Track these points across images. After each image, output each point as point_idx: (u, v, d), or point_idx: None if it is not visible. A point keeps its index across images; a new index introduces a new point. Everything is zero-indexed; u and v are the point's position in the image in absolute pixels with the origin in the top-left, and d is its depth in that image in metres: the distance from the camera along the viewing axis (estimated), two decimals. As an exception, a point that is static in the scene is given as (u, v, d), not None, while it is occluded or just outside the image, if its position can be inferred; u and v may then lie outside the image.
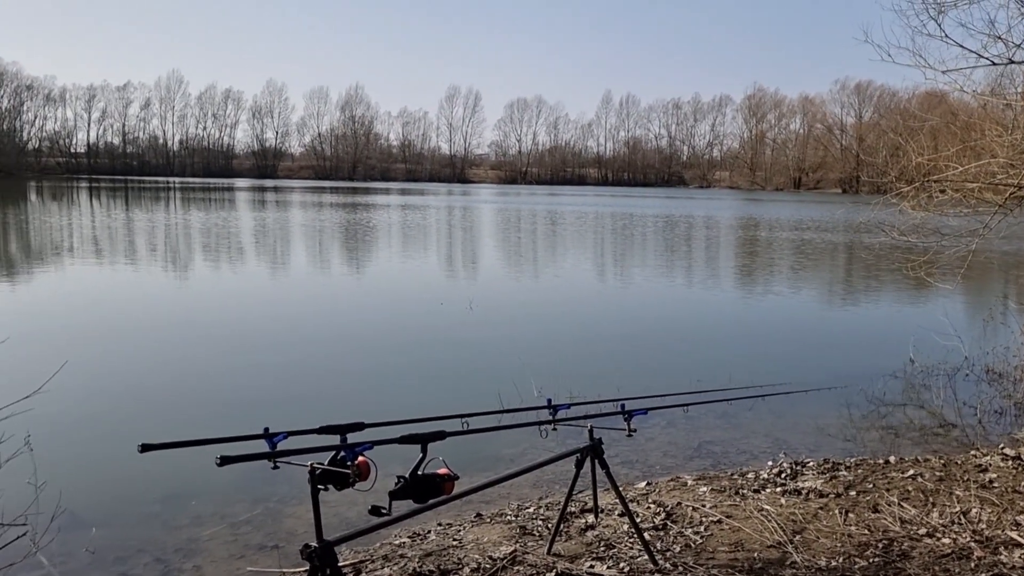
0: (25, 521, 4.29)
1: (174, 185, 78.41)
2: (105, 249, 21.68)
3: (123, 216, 35.00)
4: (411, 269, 19.56)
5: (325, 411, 7.30)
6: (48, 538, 4.38)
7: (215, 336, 10.90)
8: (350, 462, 2.48)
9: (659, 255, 24.05)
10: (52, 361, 5.41)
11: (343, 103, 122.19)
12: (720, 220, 42.86)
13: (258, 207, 45.42)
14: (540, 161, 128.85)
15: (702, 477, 5.65)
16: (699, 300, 15.57)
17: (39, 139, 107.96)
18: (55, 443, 6.21)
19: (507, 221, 38.73)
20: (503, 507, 5.10)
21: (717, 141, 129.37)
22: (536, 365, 9.11)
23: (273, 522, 5.00)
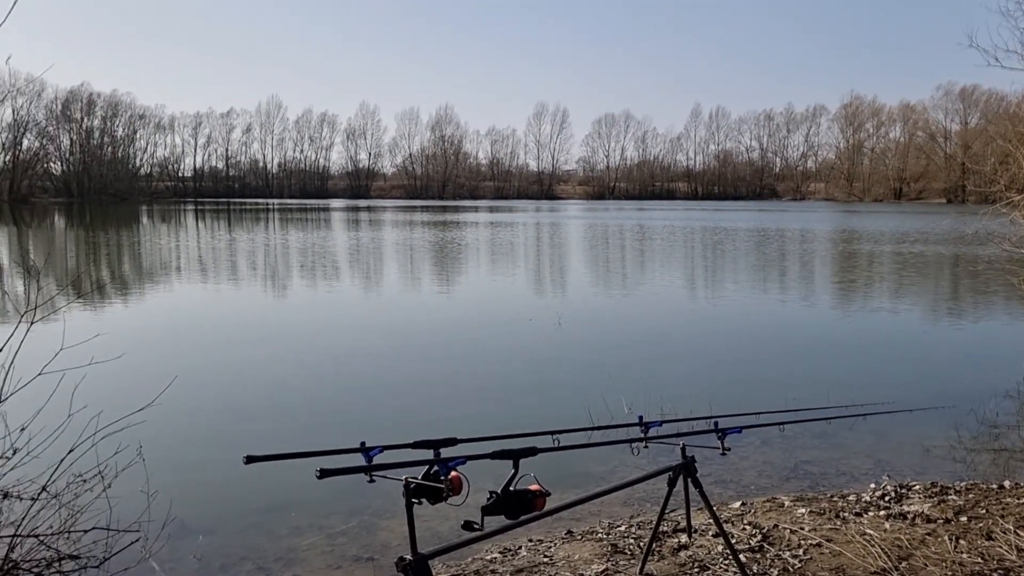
0: (138, 528, 4.53)
1: (273, 206, 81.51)
2: (210, 269, 22.71)
3: (226, 237, 36.58)
4: (500, 285, 19.72)
5: (418, 425, 7.43)
6: (159, 544, 4.60)
7: (313, 351, 11.25)
8: (443, 477, 2.51)
9: (752, 269, 23.48)
10: (163, 376, 5.70)
11: (433, 123, 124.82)
12: (816, 233, 41.55)
13: (352, 227, 46.70)
14: (628, 176, 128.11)
15: (800, 498, 5.48)
16: (794, 315, 15.12)
17: (150, 165, 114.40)
18: (166, 454, 6.52)
19: (595, 237, 38.60)
20: (594, 524, 5.07)
21: (811, 152, 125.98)
22: (626, 381, 9.04)
23: (368, 534, 5.12)
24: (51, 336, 4.42)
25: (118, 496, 4.44)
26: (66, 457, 4.20)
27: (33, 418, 4.28)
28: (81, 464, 4.29)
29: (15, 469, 4.22)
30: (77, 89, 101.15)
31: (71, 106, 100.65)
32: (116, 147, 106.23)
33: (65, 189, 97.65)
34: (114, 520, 4.34)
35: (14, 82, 79.44)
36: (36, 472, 4.24)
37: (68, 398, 4.28)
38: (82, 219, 55.16)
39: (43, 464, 4.24)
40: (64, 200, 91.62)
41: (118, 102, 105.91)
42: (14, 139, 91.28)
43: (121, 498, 4.50)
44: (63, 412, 4.23)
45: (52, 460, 4.23)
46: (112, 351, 5.44)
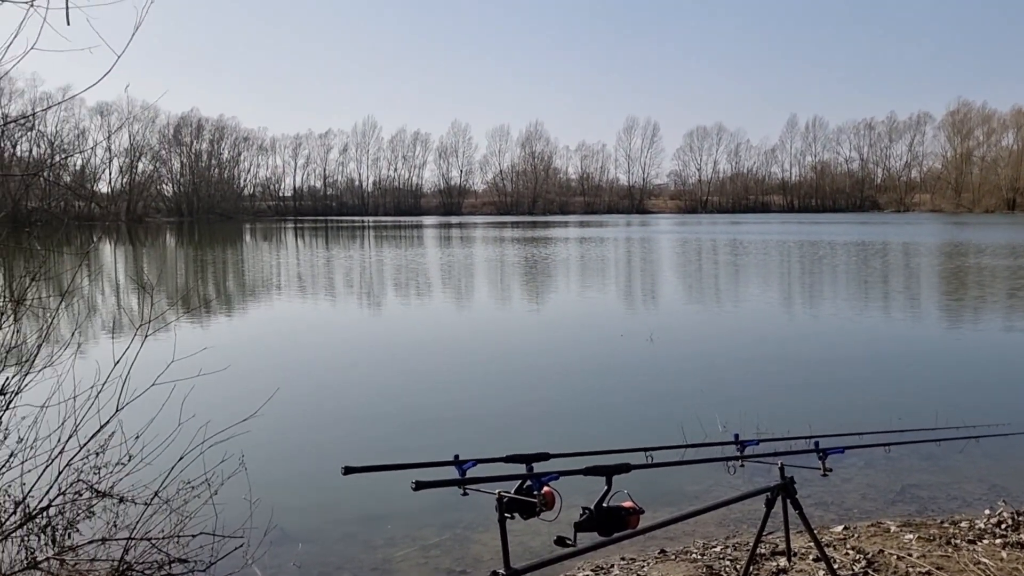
0: (242, 534, 4.70)
1: (368, 223, 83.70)
2: (309, 284, 23.48)
3: (324, 254, 37.77)
4: (591, 301, 19.64)
5: (510, 440, 7.46)
6: (261, 551, 4.76)
7: (407, 365, 11.47)
8: (537, 491, 2.51)
9: (852, 284, 22.61)
10: (266, 387, 5.92)
11: (523, 140, 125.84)
12: (921, 246, 39.72)
13: (444, 243, 47.45)
14: (721, 189, 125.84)
15: (907, 523, 5.23)
16: (899, 331, 14.46)
17: (253, 185, 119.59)
18: (268, 463, 6.75)
19: (687, 251, 38.00)
20: (688, 544, 4.97)
21: (916, 162, 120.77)
22: (720, 399, 8.84)
23: (461, 548, 5.16)
24: (163, 349, 4.66)
25: (223, 503, 4.62)
26: (176, 464, 4.41)
27: (147, 427, 4.51)
28: (189, 472, 4.48)
29: (130, 475, 4.46)
30: (187, 114, 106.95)
31: (182, 130, 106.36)
32: (222, 169, 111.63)
33: (176, 209, 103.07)
34: (219, 526, 4.52)
35: (131, 109, 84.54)
36: (149, 478, 4.46)
37: (178, 408, 4.49)
38: (191, 237, 58.01)
39: (155, 471, 4.46)
40: (175, 219, 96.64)
41: (224, 126, 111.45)
42: (131, 163, 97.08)
43: (226, 505, 4.68)
44: (174, 421, 4.44)
45: (163, 467, 4.44)
46: (219, 363, 5.68)
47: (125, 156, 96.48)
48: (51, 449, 4.18)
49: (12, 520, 4.01)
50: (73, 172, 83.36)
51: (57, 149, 75.22)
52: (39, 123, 74.17)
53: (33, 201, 61.90)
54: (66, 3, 3.08)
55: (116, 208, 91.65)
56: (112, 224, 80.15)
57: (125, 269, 30.08)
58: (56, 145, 77.61)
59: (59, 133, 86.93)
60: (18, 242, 5.53)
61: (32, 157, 75.12)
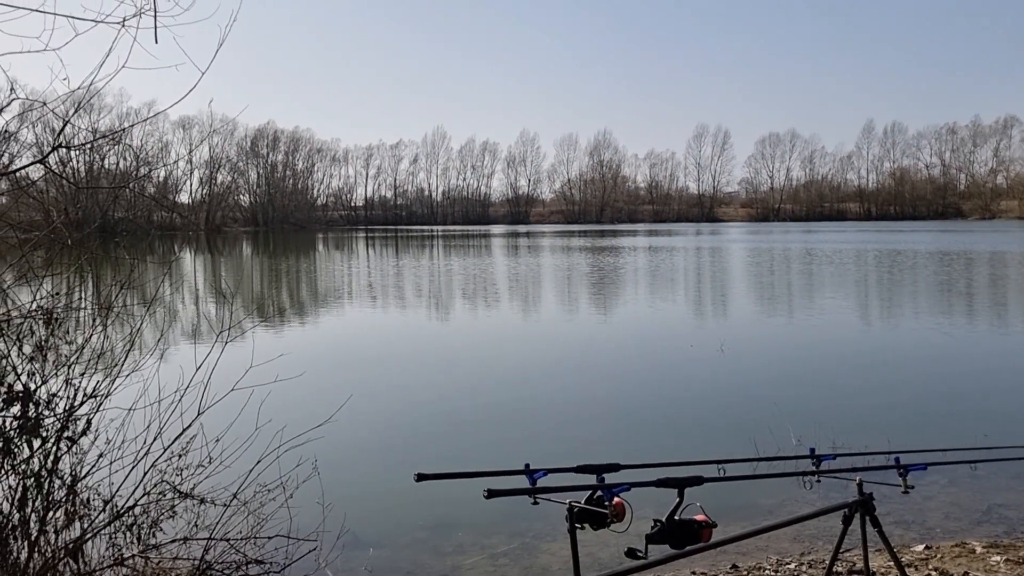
0: (315, 537, 4.79)
1: (437, 233, 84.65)
2: (380, 293, 23.87)
3: (394, 263, 38.35)
4: (660, 311, 19.43)
5: (579, 449, 7.43)
6: (334, 555, 4.85)
7: (477, 373, 11.56)
8: (607, 502, 2.50)
9: (934, 295, 21.79)
10: (339, 393, 6.04)
11: (591, 148, 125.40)
12: (1008, 254, 38.04)
13: (512, 252, 47.64)
14: (794, 197, 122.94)
15: (994, 545, 5.01)
16: (984, 344, 13.86)
17: (326, 195, 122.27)
18: (341, 468, 6.86)
19: (759, 260, 37.25)
20: (761, 560, 4.86)
21: (1002, 167, 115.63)
22: (794, 412, 8.64)
23: (529, 556, 5.16)
24: (241, 355, 4.80)
25: (297, 507, 4.73)
26: (253, 468, 4.53)
27: (226, 430, 4.65)
28: (266, 475, 4.60)
29: (210, 477, 4.60)
30: (264, 127, 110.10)
31: (258, 143, 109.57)
32: (296, 179, 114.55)
33: (252, 219, 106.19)
34: (294, 529, 4.62)
35: (211, 123, 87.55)
36: (228, 480, 4.60)
37: (255, 413, 4.61)
38: (266, 246, 59.65)
39: (233, 474, 4.59)
40: (251, 229, 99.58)
41: (299, 138, 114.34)
42: (211, 174, 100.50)
43: (300, 508, 4.79)
44: (251, 425, 4.57)
45: (241, 470, 4.57)
46: (294, 370, 5.81)
47: (205, 168, 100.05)
48: (137, 451, 4.35)
49: (101, 518, 4.19)
50: (157, 184, 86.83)
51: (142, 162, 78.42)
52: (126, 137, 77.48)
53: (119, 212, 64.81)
54: (154, 22, 3.23)
55: (196, 218, 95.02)
56: (192, 234, 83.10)
57: (205, 278, 31.13)
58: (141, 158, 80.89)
59: (144, 146, 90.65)
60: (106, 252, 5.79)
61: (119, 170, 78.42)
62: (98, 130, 14.58)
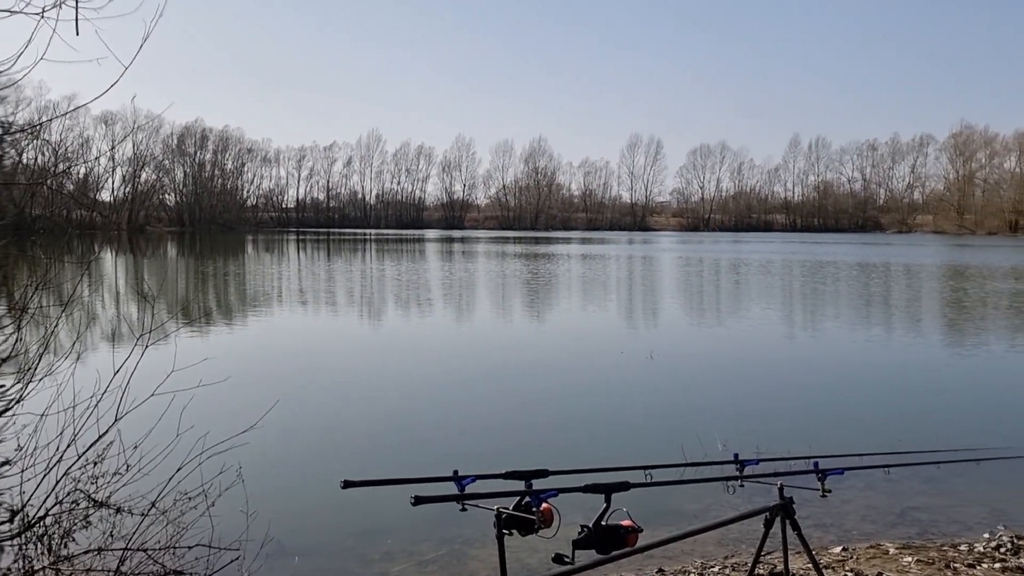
0: (238, 547, 4.67)
1: (370, 236, 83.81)
2: (310, 297, 23.49)
3: (325, 266, 37.80)
4: (592, 318, 19.63)
5: (508, 455, 7.43)
6: (257, 564, 4.74)
7: (407, 379, 11.46)
8: (535, 508, 2.51)
9: (854, 305, 22.60)
10: (266, 399, 5.91)
11: (527, 155, 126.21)
12: (924, 267, 39.73)
13: (446, 257, 47.50)
14: (724, 207, 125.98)
15: (906, 546, 5.21)
16: (900, 353, 14.43)
17: (256, 196, 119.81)
18: (266, 475, 6.72)
19: (689, 270, 38.02)
20: (687, 564, 4.95)
21: (918, 183, 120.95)
22: (720, 418, 8.83)
23: (458, 564, 5.13)
24: (163, 360, 4.66)
25: (220, 515, 4.60)
26: (174, 475, 4.39)
27: (145, 437, 4.49)
28: (187, 483, 4.46)
29: (127, 485, 4.44)
30: (191, 125, 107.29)
31: (185, 141, 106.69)
32: (225, 179, 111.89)
33: (178, 219, 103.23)
34: (216, 538, 4.49)
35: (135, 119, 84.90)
36: (146, 489, 4.44)
37: (177, 419, 4.48)
38: (193, 247, 58.10)
39: (152, 481, 4.44)
40: (177, 229, 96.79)
41: (228, 137, 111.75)
42: (134, 172, 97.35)
43: (223, 517, 4.66)
44: (172, 432, 4.43)
45: (161, 478, 4.42)
46: (219, 375, 5.66)
47: (128, 166, 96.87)
48: (49, 458, 4.17)
49: (9, 529, 4.00)
50: (77, 181, 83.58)
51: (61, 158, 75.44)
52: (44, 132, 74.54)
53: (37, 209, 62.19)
54: (75, 14, 3.11)
55: (118, 218, 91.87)
56: (114, 233, 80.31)
57: (126, 279, 30.12)
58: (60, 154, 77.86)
59: (64, 142, 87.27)
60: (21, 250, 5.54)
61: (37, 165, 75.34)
62: (14, 123, 14.08)
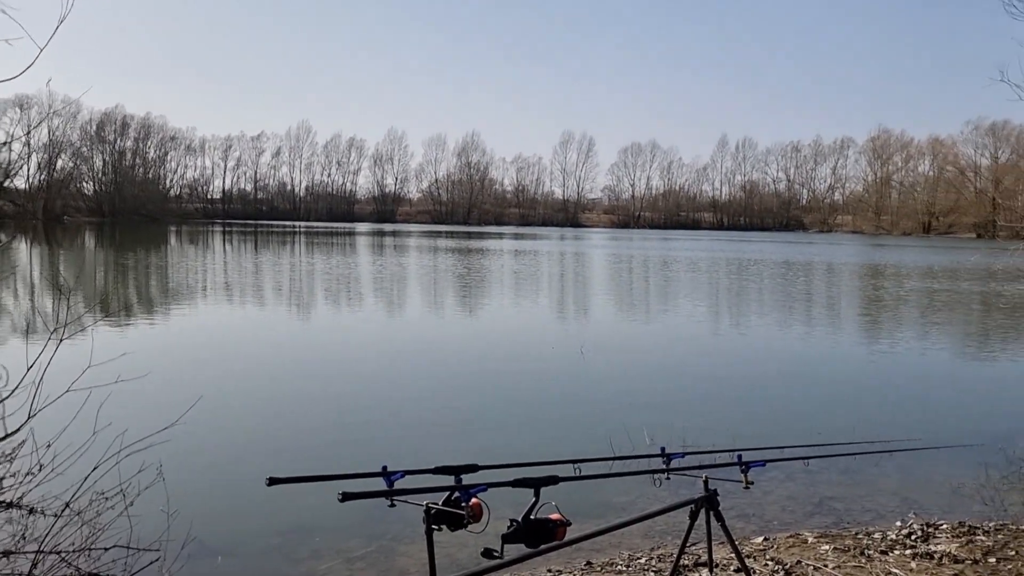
0: (158, 547, 4.53)
1: (299, 229, 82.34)
2: (236, 291, 22.94)
3: (253, 259, 36.98)
4: (523, 313, 19.72)
5: (439, 451, 7.41)
6: (178, 565, 4.61)
7: (336, 375, 11.31)
8: (464, 503, 2.51)
9: (777, 302, 23.29)
10: (188, 395, 5.75)
11: (460, 150, 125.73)
12: (843, 266, 41.19)
13: (377, 251, 47.03)
14: (653, 205, 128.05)
15: (824, 535, 5.39)
16: (820, 349, 14.94)
17: (180, 186, 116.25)
18: (188, 473, 6.54)
19: (620, 267, 38.53)
20: (614, 556, 5.02)
21: (839, 184, 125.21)
22: (648, 412, 8.97)
23: (387, 560, 5.09)
24: (79, 354, 4.48)
25: (139, 515, 4.45)
26: (90, 474, 4.23)
27: (59, 435, 4.32)
28: (104, 482, 4.31)
29: (40, 485, 4.26)
30: (112, 111, 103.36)
31: (105, 128, 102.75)
32: (147, 168, 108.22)
33: (97, 209, 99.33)
34: (134, 539, 4.35)
35: (51, 104, 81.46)
36: (60, 489, 4.27)
37: (94, 416, 4.32)
38: (112, 239, 56.08)
39: (67, 481, 4.27)
40: (96, 219, 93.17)
41: (151, 124, 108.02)
42: (49, 159, 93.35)
43: (142, 517, 4.51)
44: (88, 430, 4.27)
45: (76, 477, 4.25)
46: (138, 370, 5.49)
47: (44, 152, 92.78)
48: (-46, 458, 3.98)
49: (-91, 533, 3.79)
50: (-13, 167, 79.76)
51: (-30, 142, 71.88)
52: (-48, 115, 70.97)
53: (-57, 196, 59.11)
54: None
55: (32, 206, 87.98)
56: (28, 223, 76.91)
57: (40, 270, 28.87)
58: (-31, 138, 74.11)
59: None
60: (-75, 239, 5.26)
61: (-57, 150, 71.59)
62: (-82, 105, 12.87)
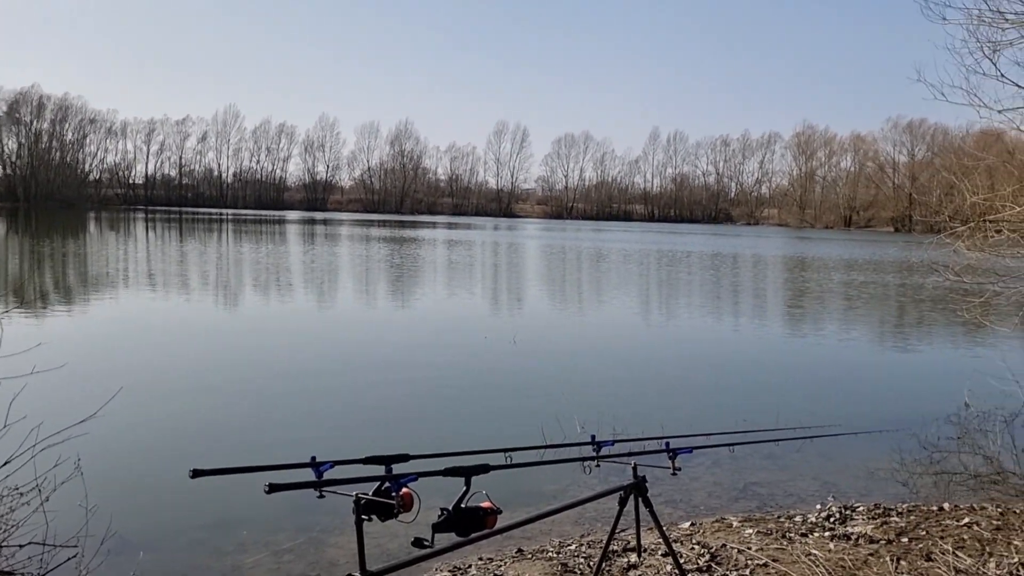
0: (76, 543, 4.38)
1: (227, 216, 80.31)
2: (159, 280, 22.26)
3: (177, 247, 35.94)
4: (456, 304, 19.68)
5: (370, 441, 7.34)
6: (97, 561, 4.46)
7: (263, 365, 11.08)
8: (395, 493, 2.49)
9: (706, 293, 23.82)
10: (107, 387, 5.56)
11: (393, 137, 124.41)
12: (768, 258, 42.35)
13: (308, 240, 46.25)
14: (586, 197, 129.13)
15: (748, 519, 5.55)
16: (746, 339, 15.36)
17: (100, 171, 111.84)
18: (108, 467, 6.34)
19: (552, 257, 38.80)
20: (545, 543, 5.06)
21: (766, 178, 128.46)
22: (579, 401, 9.07)
23: (316, 551, 5.03)
24: (-10, 344, 4.28)
25: (56, 511, 4.30)
26: (2, 469, 4.06)
27: (-31, 429, 4.13)
28: (18, 477, 4.15)
29: (-52, 482, 4.07)
30: (26, 91, 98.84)
31: (19, 108, 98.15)
32: (65, 152, 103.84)
33: (10, 194, 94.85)
34: (51, 535, 4.20)
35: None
36: (-30, 485, 4.10)
37: (6, 408, 4.14)
38: (27, 225, 53.70)
39: (-22, 477, 4.09)
40: (8, 205, 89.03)
41: (69, 105, 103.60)
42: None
43: (59, 512, 4.36)
44: (0, 423, 4.09)
45: (-13, 473, 4.08)
46: (54, 361, 5.29)
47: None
48: None
49: None
50: None
51: None
52: None
53: None
54: None
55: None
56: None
57: (-51, 256, 27.49)
58: None
59: None
60: None
61: None
62: None
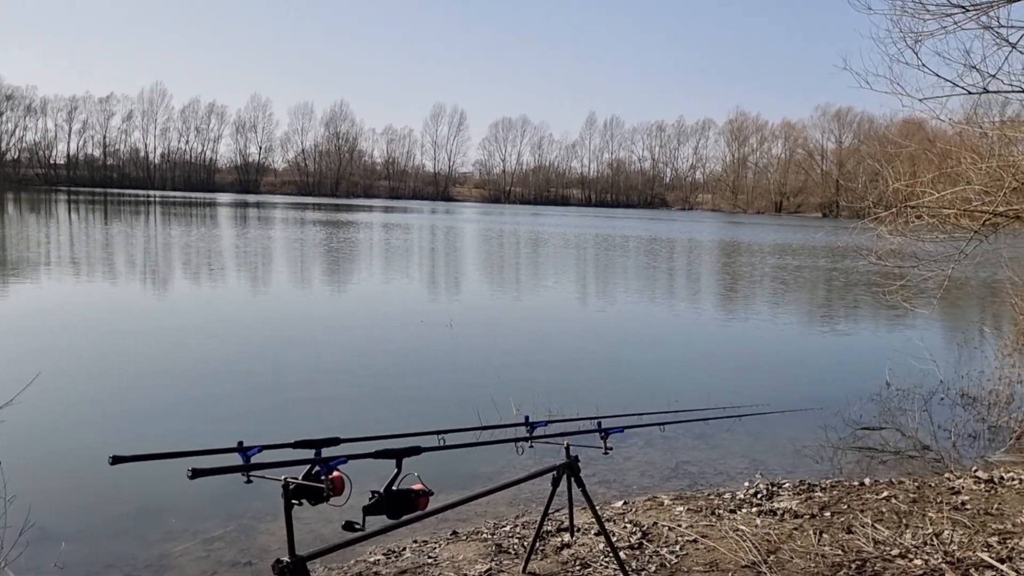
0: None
1: (154, 199, 77.85)
2: (81, 263, 21.47)
3: (101, 230, 34.71)
4: (392, 287, 19.52)
5: (301, 426, 7.23)
6: (16, 552, 4.31)
7: (191, 350, 10.81)
8: (324, 476, 2.46)
9: (640, 277, 24.16)
10: (24, 374, 5.35)
11: (327, 119, 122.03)
12: (702, 243, 43.15)
13: (240, 223, 45.19)
14: (524, 181, 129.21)
15: (679, 497, 5.66)
16: (678, 321, 15.64)
17: (18, 150, 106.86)
18: (25, 456, 6.11)
19: (490, 241, 38.78)
20: (479, 525, 5.08)
21: (700, 164, 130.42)
22: (514, 383, 9.11)
23: (246, 538, 4.95)
24: None
25: (-31, 501, 4.13)
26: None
27: None
28: (-73, 467, 3.96)
29: None
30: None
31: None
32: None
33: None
34: (-36, 527, 4.04)
35: None
36: None
37: (-86, 396, 3.95)
38: (-61, 205, 51.17)
39: None
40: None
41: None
42: None
43: (-27, 503, 4.19)
44: (-93, 411, 3.90)
45: None
46: (-33, 346, 5.06)
47: None
48: None
49: None
50: None
51: None
52: None
53: None
54: None
55: None
56: None
57: None
58: None
59: None
60: None
61: None
62: None
